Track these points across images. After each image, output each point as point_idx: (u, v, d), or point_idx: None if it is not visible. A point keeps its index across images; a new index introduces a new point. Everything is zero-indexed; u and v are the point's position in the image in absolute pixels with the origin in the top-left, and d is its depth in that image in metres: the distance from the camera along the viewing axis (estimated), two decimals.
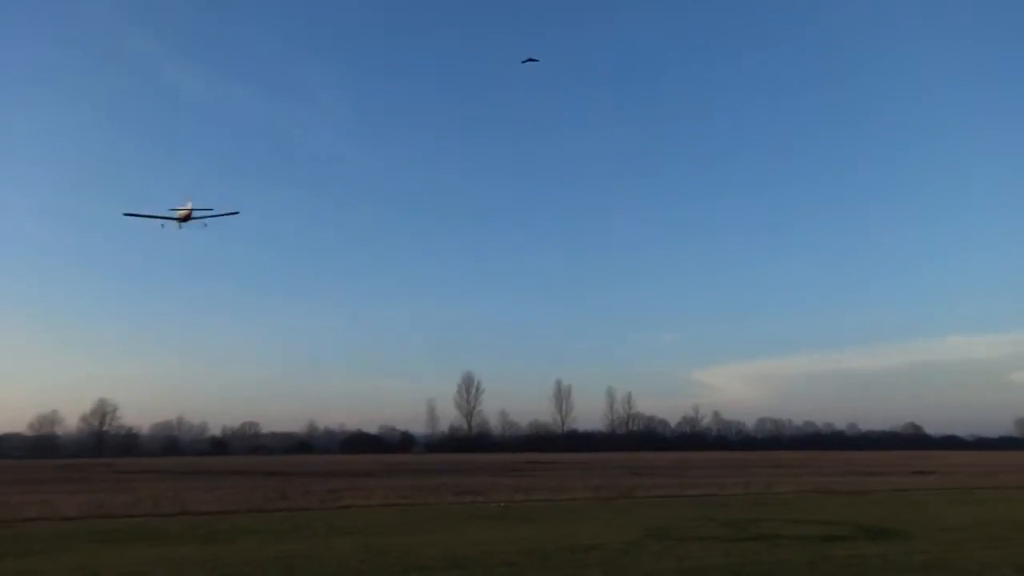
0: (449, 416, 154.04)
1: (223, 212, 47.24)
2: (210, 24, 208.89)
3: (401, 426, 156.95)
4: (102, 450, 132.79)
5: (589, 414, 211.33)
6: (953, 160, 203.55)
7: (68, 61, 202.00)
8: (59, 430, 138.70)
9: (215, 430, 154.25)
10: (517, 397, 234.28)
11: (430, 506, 24.77)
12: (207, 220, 45.65)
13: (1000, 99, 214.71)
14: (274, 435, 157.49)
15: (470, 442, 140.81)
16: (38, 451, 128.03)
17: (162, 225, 45.47)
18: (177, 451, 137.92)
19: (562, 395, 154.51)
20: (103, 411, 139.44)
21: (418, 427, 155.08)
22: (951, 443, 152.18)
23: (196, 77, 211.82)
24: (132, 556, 14.41)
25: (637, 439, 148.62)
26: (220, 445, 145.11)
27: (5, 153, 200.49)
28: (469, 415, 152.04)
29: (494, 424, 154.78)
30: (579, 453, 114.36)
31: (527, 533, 17.47)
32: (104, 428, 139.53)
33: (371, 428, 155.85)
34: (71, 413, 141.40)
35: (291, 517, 21.52)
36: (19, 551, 15.11)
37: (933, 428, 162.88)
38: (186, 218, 45.09)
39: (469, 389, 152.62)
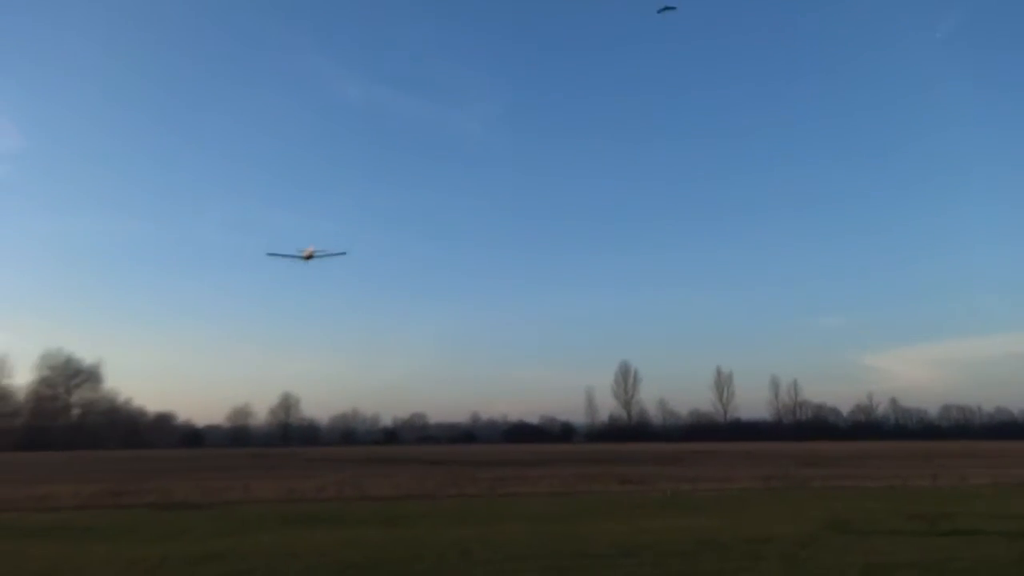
0: (608, 406, 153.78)
1: (334, 252, 56.02)
2: (363, 29, 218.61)
3: (561, 416, 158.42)
4: (287, 439, 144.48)
5: (752, 402, 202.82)
6: None
7: (239, 78, 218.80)
8: (251, 422, 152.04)
9: (386, 421, 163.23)
10: (676, 385, 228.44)
11: (595, 495, 24.83)
12: (323, 258, 54.47)
13: None
14: (440, 425, 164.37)
15: (630, 431, 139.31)
16: (234, 440, 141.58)
17: (295, 260, 53.99)
18: (353, 440, 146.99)
19: (723, 383, 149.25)
20: (287, 404, 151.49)
21: (578, 417, 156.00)
22: None
23: (353, 83, 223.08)
24: (320, 537, 15.53)
25: (805, 428, 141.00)
26: (391, 435, 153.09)
27: (198, 171, 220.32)
28: (627, 404, 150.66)
29: (653, 413, 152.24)
30: (742, 442, 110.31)
31: (697, 523, 17.10)
32: (288, 420, 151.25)
33: (532, 418, 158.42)
34: (261, 406, 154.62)
35: (462, 504, 22.31)
36: (227, 530, 16.72)
37: None
38: (309, 257, 53.31)
39: (627, 378, 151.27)
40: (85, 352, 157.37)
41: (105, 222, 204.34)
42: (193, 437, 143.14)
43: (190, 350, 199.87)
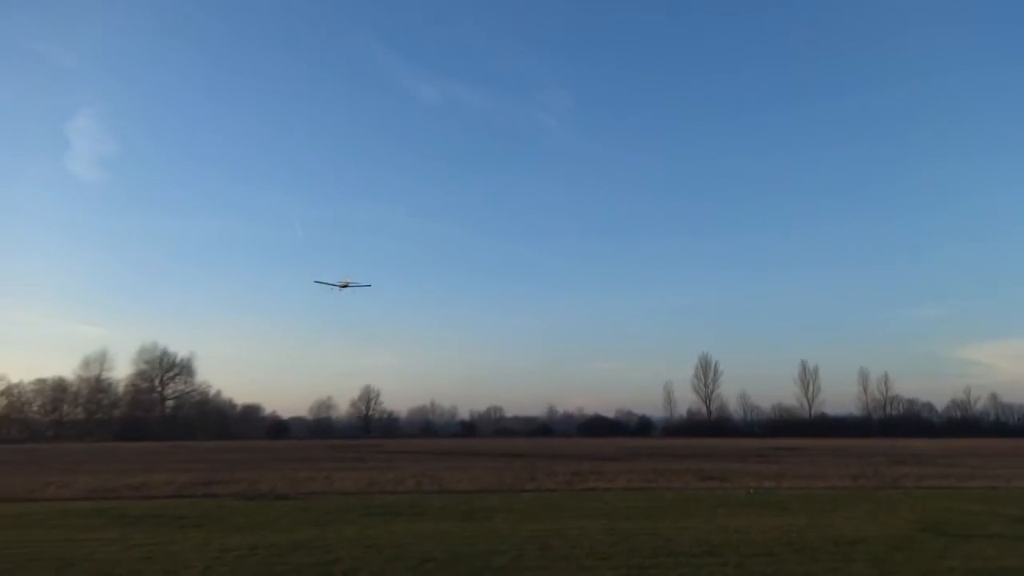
0: (687, 400, 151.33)
1: (362, 284, 62.61)
2: (434, 26, 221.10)
3: (638, 410, 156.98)
4: (368, 431, 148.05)
5: (839, 397, 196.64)
6: None
7: (322, 79, 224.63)
8: (333, 414, 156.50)
9: (464, 414, 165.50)
10: (758, 379, 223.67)
11: (674, 491, 24.40)
12: (355, 287, 60.58)
13: None
14: (517, 418, 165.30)
15: (710, 426, 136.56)
16: (317, 432, 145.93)
17: (332, 289, 60.57)
18: (432, 433, 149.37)
19: (808, 376, 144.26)
20: (368, 397, 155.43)
21: (655, 411, 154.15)
22: None
23: (428, 82, 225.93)
24: (401, 529, 15.76)
25: (897, 424, 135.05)
26: (469, 428, 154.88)
27: (283, 170, 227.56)
28: (707, 398, 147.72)
29: (734, 408, 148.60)
30: (829, 439, 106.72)
31: (781, 522, 16.59)
32: (369, 412, 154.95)
33: (608, 412, 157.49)
34: (342, 399, 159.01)
35: (539, 498, 22.29)
36: (311, 520, 17.16)
37: None
38: (345, 286, 59.66)
39: (706, 372, 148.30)
40: (179, 346, 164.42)
41: (196, 221, 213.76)
42: (278, 428, 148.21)
43: (276, 345, 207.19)
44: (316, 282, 64.56)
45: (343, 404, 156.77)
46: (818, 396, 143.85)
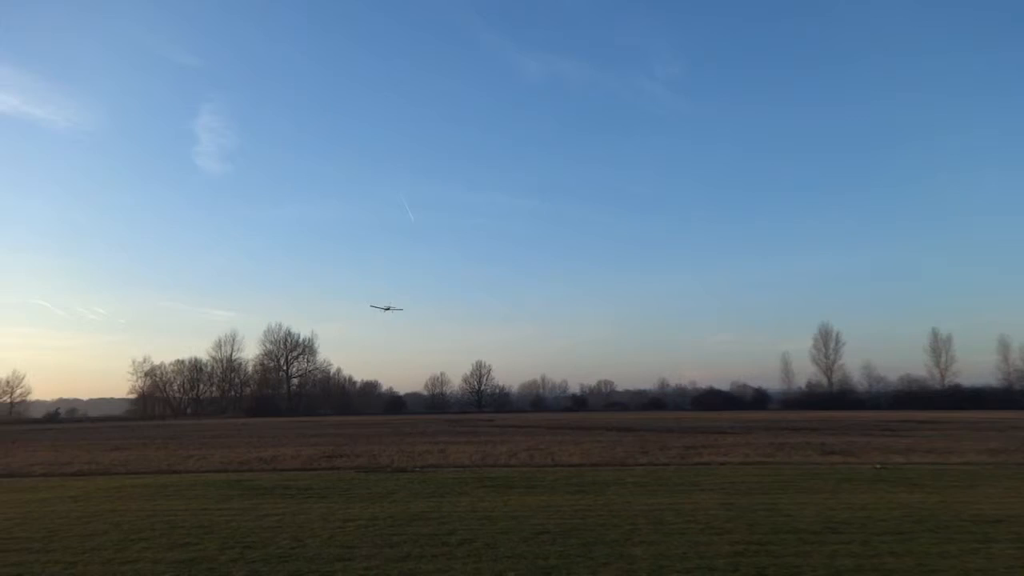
0: (806, 371, 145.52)
1: (397, 308, 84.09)
2: (537, 2, 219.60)
3: (754, 383, 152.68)
4: (480, 405, 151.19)
5: (974, 367, 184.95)
6: None
7: (422, 63, 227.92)
8: (446, 389, 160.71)
9: (574, 388, 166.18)
10: (884, 349, 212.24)
11: (794, 466, 23.55)
12: (393, 311, 77.43)
13: None
14: (628, 392, 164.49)
15: (831, 399, 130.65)
16: (432, 407, 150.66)
17: (381, 309, 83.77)
18: (542, 407, 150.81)
19: (940, 346, 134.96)
20: (480, 372, 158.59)
21: (772, 383, 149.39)
22: None
23: (531, 57, 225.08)
24: (514, 501, 15.94)
25: None
26: (580, 402, 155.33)
27: (391, 156, 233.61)
28: (828, 370, 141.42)
29: (858, 379, 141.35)
30: (964, 411, 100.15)
31: (912, 499, 15.69)
32: (481, 387, 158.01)
33: (722, 385, 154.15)
34: (455, 374, 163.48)
35: (652, 472, 22.03)
36: (427, 492, 17.64)
37: None
38: (387, 308, 77.16)
39: (827, 342, 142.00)
40: (301, 327, 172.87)
41: (312, 208, 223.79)
42: (396, 404, 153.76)
43: (391, 323, 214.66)
44: (371, 306, 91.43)
45: (456, 379, 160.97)
46: (951, 366, 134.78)
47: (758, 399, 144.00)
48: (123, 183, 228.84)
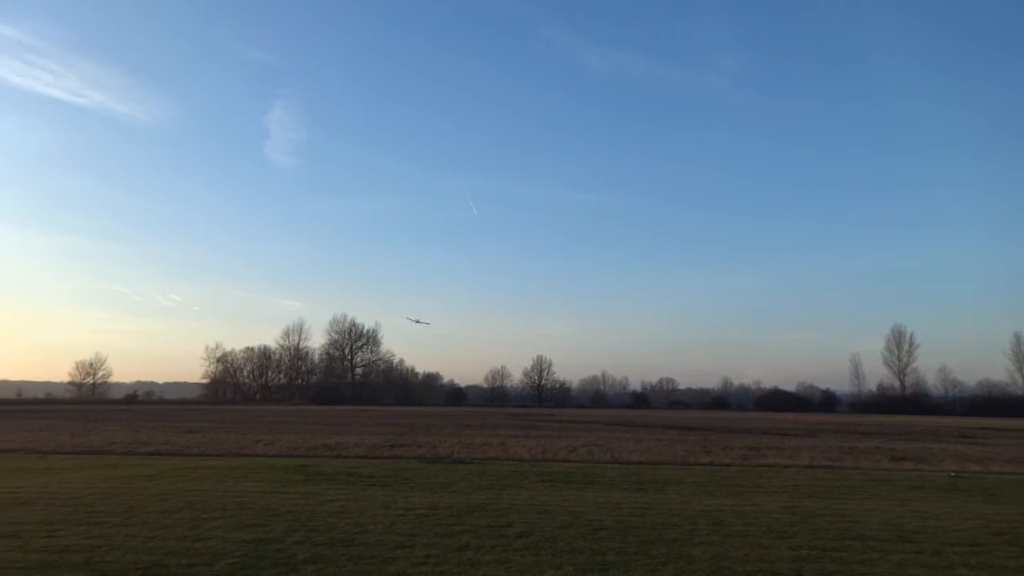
0: (877, 373, 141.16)
1: (425, 322, 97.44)
2: None
3: (821, 384, 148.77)
4: (540, 400, 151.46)
5: None
6: None
7: (486, 59, 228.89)
8: (506, 383, 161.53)
9: (635, 385, 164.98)
10: (961, 352, 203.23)
11: (862, 471, 22.88)
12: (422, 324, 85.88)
13: None
14: (690, 390, 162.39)
15: (904, 403, 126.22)
16: (492, 400, 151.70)
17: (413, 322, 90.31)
18: (602, 403, 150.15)
19: (1023, 350, 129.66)
20: (540, 366, 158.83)
21: (841, 385, 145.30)
22: None
23: (593, 51, 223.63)
24: (572, 496, 15.96)
25: None
26: (641, 399, 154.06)
27: (454, 150, 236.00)
28: (901, 372, 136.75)
29: (932, 383, 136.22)
30: None
31: (989, 510, 15.07)
32: (541, 381, 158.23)
33: (788, 386, 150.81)
34: (516, 368, 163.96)
35: (713, 472, 21.73)
36: (486, 484, 17.81)
37: None
38: (418, 321, 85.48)
39: (900, 344, 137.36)
40: (365, 318, 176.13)
41: (377, 202, 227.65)
42: (456, 395, 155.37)
43: (452, 316, 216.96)
44: (407, 318, 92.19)
45: (516, 373, 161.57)
46: None
47: (826, 401, 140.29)
48: (199, 176, 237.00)
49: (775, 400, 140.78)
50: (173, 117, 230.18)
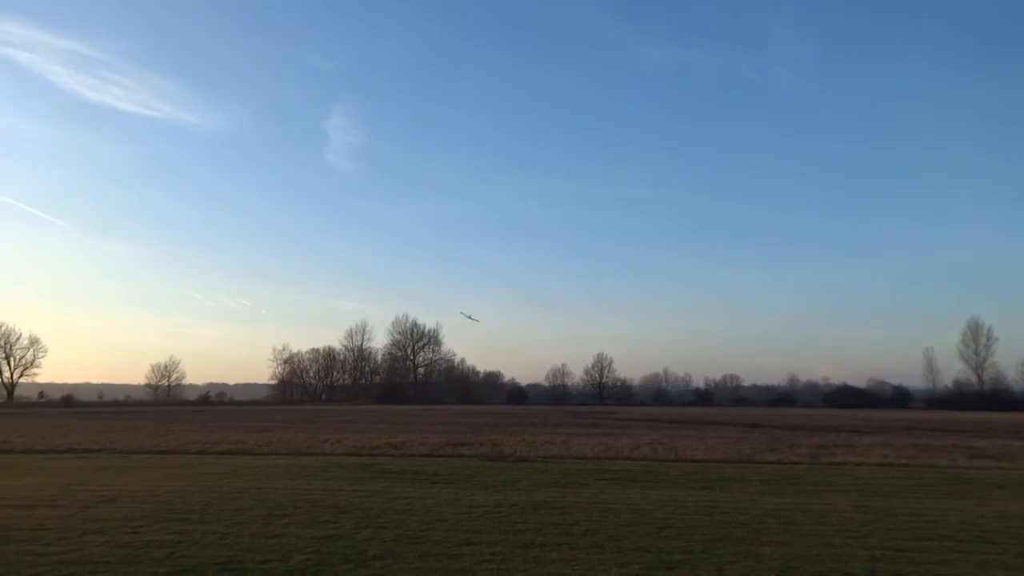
0: (952, 368, 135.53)
1: (476, 319, 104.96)
2: None
3: (893, 380, 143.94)
4: (602, 398, 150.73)
5: None
6: None
7: (541, 60, 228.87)
8: (567, 381, 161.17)
9: (698, 382, 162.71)
10: None
11: (938, 469, 22.10)
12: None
13: None
14: (755, 387, 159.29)
15: (982, 399, 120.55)
16: (553, 398, 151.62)
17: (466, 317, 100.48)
18: (665, 401, 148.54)
19: None
20: (601, 364, 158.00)
21: (914, 381, 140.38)
22: None
23: (652, 45, 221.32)
24: (636, 495, 15.86)
25: None
26: (704, 396, 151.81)
27: (508, 152, 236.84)
28: (979, 367, 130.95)
29: (1012, 377, 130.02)
30: None
31: None
32: (603, 379, 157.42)
33: (858, 382, 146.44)
34: (576, 366, 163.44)
35: (781, 470, 21.31)
36: (549, 482, 17.87)
37: None
38: (469, 317, 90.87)
39: (977, 338, 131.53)
40: (426, 318, 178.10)
41: (435, 203, 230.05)
42: (518, 394, 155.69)
43: (512, 316, 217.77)
44: (460, 312, 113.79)
45: (577, 371, 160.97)
46: None
47: (898, 397, 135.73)
48: (263, 182, 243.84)
49: (844, 396, 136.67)
50: (238, 126, 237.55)
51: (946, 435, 40.75)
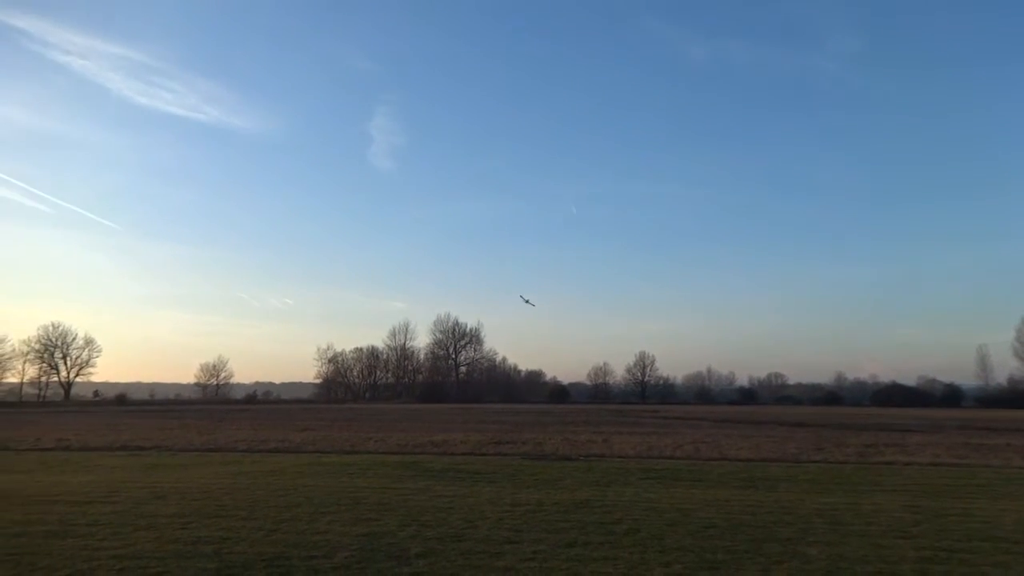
0: (1006, 366, 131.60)
1: (533, 303, 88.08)
2: None
3: (944, 378, 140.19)
4: (644, 396, 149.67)
5: None
6: None
7: (584, 54, 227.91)
8: (609, 379, 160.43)
9: (742, 380, 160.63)
10: None
11: (992, 469, 21.50)
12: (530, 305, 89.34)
13: None
14: (801, 386, 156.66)
15: None
16: (595, 397, 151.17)
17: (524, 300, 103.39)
18: (708, 399, 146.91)
19: None
20: (643, 363, 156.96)
21: (966, 379, 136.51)
22: None
23: (696, 41, 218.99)
24: (679, 494, 15.74)
25: None
26: (748, 394, 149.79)
27: (556, 149, 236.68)
28: None
29: None
30: None
31: None
32: (645, 378, 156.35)
33: (907, 380, 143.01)
34: (618, 365, 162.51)
35: (827, 470, 20.94)
36: (591, 481, 17.82)
37: None
38: (527, 301, 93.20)
39: None
40: (467, 318, 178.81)
41: (477, 202, 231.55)
42: (560, 393, 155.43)
43: (555, 314, 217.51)
44: (520, 296, 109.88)
45: (619, 370, 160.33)
46: None
47: (949, 396, 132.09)
48: (308, 183, 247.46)
49: (893, 395, 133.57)
50: (284, 128, 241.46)
51: (1000, 434, 39.58)
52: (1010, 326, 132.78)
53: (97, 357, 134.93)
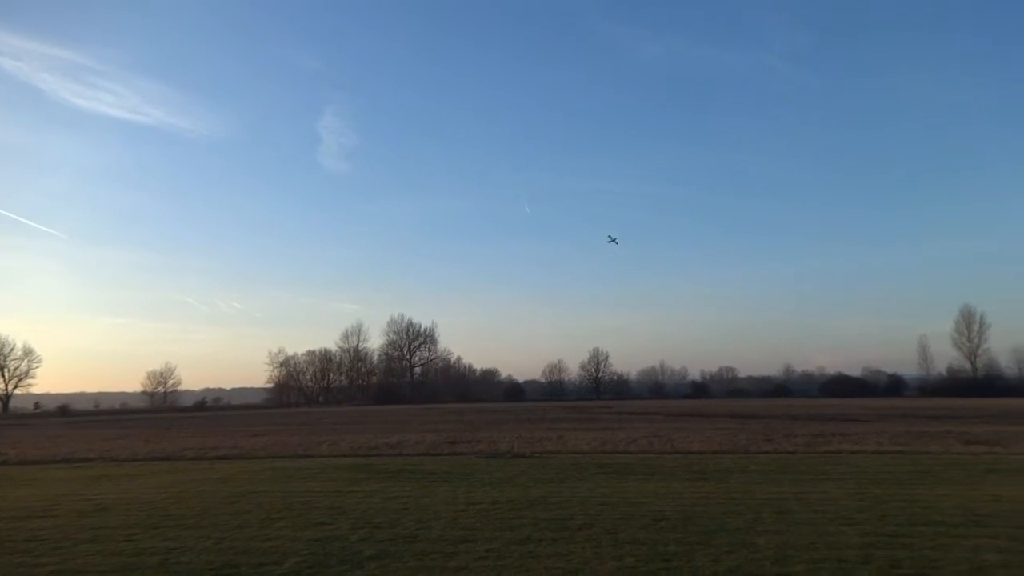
0: (946, 356, 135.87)
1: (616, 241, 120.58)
2: None
3: (888, 368, 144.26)
4: (599, 393, 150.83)
5: None
6: None
7: (534, 56, 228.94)
8: (564, 377, 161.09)
9: (695, 374, 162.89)
10: None
11: (932, 455, 22.21)
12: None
13: None
14: (751, 379, 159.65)
15: (975, 385, 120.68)
16: (550, 394, 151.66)
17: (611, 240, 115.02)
18: (661, 394, 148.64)
19: None
20: (597, 359, 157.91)
21: (908, 369, 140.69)
22: None
23: (645, 39, 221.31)
24: (633, 488, 15.89)
25: None
26: (700, 388, 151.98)
27: (500, 149, 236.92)
28: (972, 354, 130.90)
29: (1006, 364, 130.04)
30: None
31: None
32: (599, 374, 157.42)
33: (853, 371, 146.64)
34: (573, 362, 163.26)
35: (777, 460, 21.38)
36: (546, 478, 17.87)
37: None
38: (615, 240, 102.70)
39: (970, 325, 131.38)
40: (422, 318, 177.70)
41: (429, 202, 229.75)
42: (515, 391, 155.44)
43: (507, 312, 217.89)
44: (608, 236, 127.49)
45: (573, 367, 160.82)
46: None
47: (892, 385, 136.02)
48: (255, 184, 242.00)
49: (840, 386, 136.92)
50: (229, 129, 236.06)
51: (940, 422, 40.95)
52: (949, 318, 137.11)
53: (37, 368, 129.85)
